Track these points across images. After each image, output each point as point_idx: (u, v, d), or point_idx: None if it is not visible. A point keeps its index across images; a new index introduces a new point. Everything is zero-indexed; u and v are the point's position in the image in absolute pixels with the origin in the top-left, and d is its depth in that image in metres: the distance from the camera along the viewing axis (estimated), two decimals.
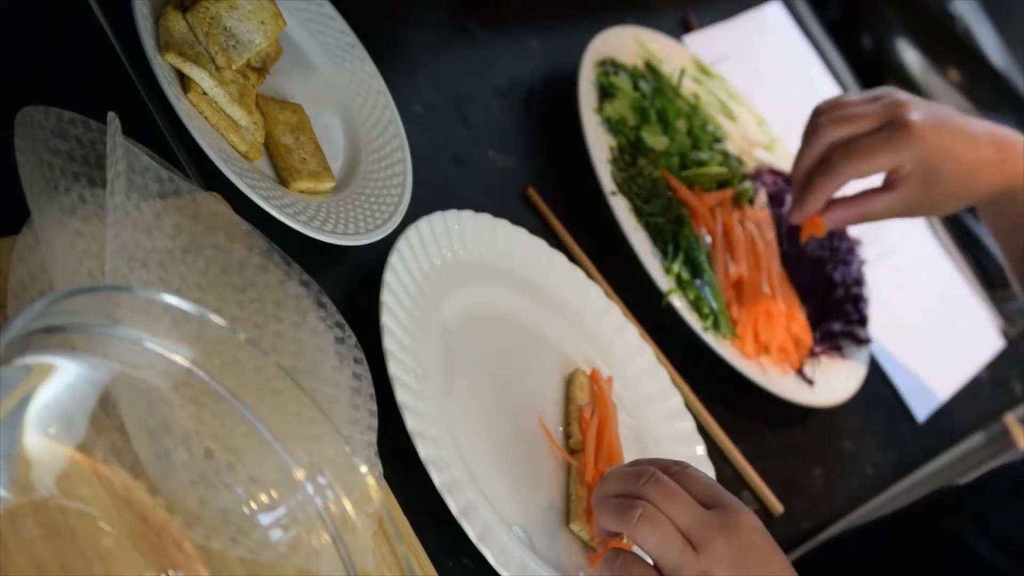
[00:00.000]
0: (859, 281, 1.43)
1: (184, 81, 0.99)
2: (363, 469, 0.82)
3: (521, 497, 1.01)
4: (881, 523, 1.20)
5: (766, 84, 1.60)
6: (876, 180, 1.22)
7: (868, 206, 1.15)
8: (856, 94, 1.20)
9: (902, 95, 1.16)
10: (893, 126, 1.13)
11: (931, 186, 1.12)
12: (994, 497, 1.13)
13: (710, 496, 0.93)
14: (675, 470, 0.95)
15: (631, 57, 1.41)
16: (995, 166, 1.14)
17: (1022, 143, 1.17)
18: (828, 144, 1.15)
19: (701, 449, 1.15)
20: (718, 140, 1.42)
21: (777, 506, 1.23)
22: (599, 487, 0.96)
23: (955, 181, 1.13)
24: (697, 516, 0.92)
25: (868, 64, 1.76)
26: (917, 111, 1.14)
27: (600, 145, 1.29)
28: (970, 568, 1.08)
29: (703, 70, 1.51)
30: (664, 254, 1.27)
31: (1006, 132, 1.18)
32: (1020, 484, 1.11)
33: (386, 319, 0.99)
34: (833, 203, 1.18)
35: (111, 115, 0.83)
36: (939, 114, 1.15)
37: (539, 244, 1.16)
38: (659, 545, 0.92)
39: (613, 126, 1.32)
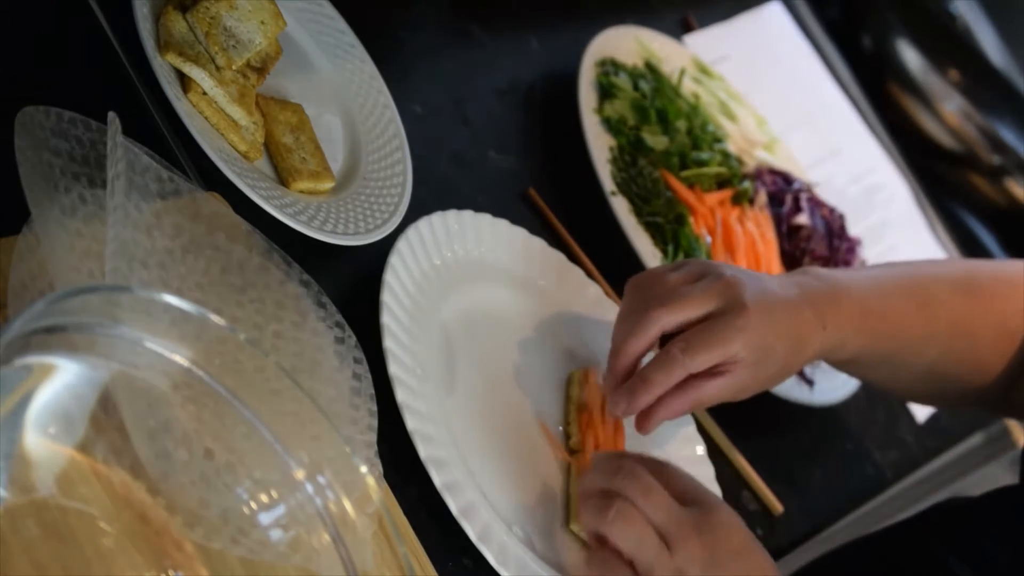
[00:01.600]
0: None
1: (184, 81, 0.99)
2: (363, 469, 0.82)
3: (521, 497, 1.01)
4: (874, 538, 1.20)
5: (766, 84, 1.60)
6: None
7: (699, 394, 1.01)
8: (669, 267, 1.06)
9: (720, 268, 1.05)
10: (730, 312, 1.01)
11: (762, 367, 1.02)
12: (987, 520, 1.13)
13: (688, 493, 0.93)
14: (654, 467, 0.95)
15: (631, 57, 1.41)
16: (817, 329, 1.06)
17: (828, 292, 1.08)
18: (659, 330, 1.02)
19: (701, 449, 1.15)
20: (718, 140, 1.42)
21: (777, 506, 1.23)
22: (582, 480, 0.96)
23: (785, 356, 1.04)
24: (672, 513, 0.92)
25: (868, 64, 1.76)
26: (746, 290, 1.02)
27: (600, 145, 1.29)
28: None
29: (703, 70, 1.51)
30: (664, 254, 1.27)
31: (812, 284, 1.08)
32: (1014, 510, 1.11)
33: (386, 319, 0.99)
34: (665, 401, 1.03)
35: (111, 115, 0.83)
36: (763, 287, 1.04)
37: (539, 244, 1.16)
38: (634, 544, 0.92)
39: (613, 126, 1.32)
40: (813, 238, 1.41)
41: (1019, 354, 1.17)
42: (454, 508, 0.94)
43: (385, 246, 1.04)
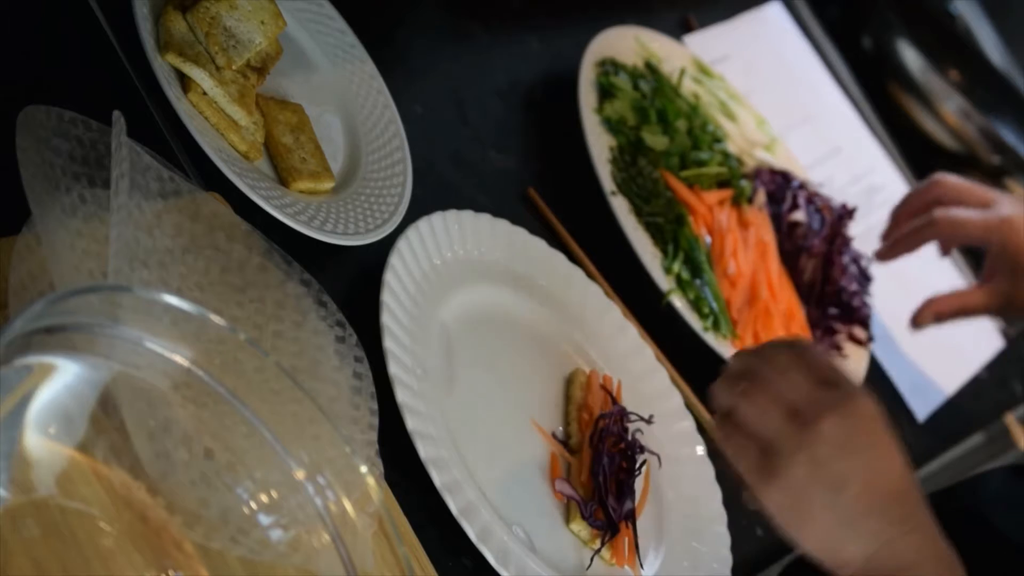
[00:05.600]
0: (859, 280, 1.43)
1: (184, 81, 0.99)
2: (363, 469, 0.82)
3: (521, 497, 1.01)
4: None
5: (766, 84, 1.60)
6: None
7: (965, 300, 1.23)
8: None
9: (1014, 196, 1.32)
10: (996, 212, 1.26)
11: (1020, 276, 1.18)
12: (1000, 487, 1.14)
13: (830, 378, 0.89)
14: (796, 351, 0.91)
15: (631, 57, 1.41)
16: None
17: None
18: (936, 200, 1.28)
19: (701, 449, 1.15)
20: (718, 140, 1.42)
21: None
22: (726, 367, 0.92)
23: None
24: (806, 393, 0.87)
25: (868, 64, 1.76)
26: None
27: (600, 145, 1.29)
28: (992, 542, 1.08)
29: (703, 70, 1.51)
30: (664, 254, 1.27)
31: None
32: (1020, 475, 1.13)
33: (386, 319, 0.99)
34: (933, 300, 1.28)
35: (116, 114, 0.83)
36: None
37: (539, 244, 1.16)
38: (758, 416, 0.88)
39: (613, 126, 1.32)
40: (809, 235, 1.41)
41: None
42: (454, 508, 0.94)
43: (385, 246, 1.04)
